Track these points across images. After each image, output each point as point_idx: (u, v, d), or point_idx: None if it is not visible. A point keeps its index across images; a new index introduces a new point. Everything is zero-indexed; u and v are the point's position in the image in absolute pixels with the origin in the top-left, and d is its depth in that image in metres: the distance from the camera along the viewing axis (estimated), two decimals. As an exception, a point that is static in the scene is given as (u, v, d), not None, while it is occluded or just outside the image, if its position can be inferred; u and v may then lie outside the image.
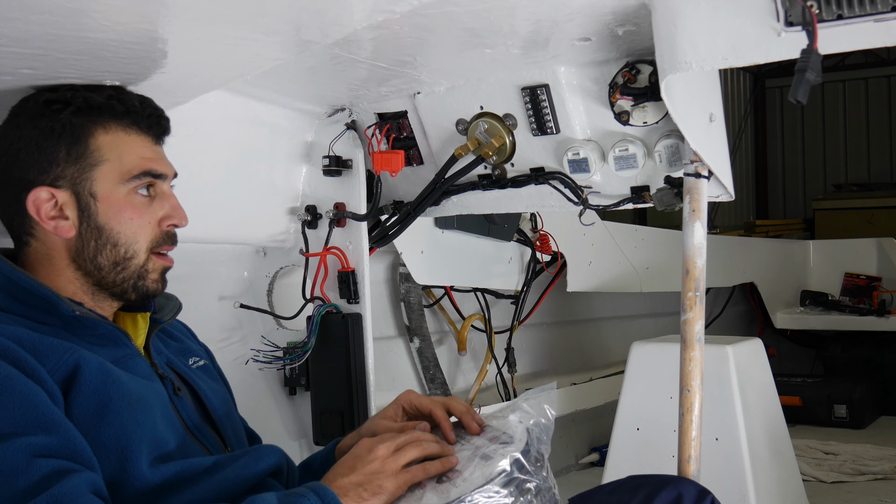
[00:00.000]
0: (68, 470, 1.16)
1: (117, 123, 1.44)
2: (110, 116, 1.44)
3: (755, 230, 7.49)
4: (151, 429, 1.35)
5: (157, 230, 1.47)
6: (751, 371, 2.91)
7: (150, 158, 1.46)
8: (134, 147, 1.45)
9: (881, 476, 3.71)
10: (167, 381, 1.48)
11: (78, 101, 1.43)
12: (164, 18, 1.35)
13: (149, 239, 1.46)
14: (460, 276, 3.11)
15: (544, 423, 1.41)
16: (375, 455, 1.34)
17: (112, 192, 1.42)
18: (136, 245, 1.44)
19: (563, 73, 2.03)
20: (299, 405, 2.56)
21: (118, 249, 1.43)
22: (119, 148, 1.43)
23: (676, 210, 1.99)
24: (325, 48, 1.79)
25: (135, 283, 1.46)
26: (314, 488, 1.28)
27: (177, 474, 1.33)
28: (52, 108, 1.43)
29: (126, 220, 1.43)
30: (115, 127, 1.44)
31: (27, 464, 1.14)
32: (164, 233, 1.48)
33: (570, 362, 4.09)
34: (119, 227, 1.43)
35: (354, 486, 1.31)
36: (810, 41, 1.46)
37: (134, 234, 1.44)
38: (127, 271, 1.44)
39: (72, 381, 1.28)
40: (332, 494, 1.27)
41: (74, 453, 1.20)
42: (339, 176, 2.39)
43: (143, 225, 1.45)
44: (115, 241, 1.43)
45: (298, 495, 1.26)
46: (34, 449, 1.15)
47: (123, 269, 1.44)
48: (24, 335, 1.29)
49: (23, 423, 1.17)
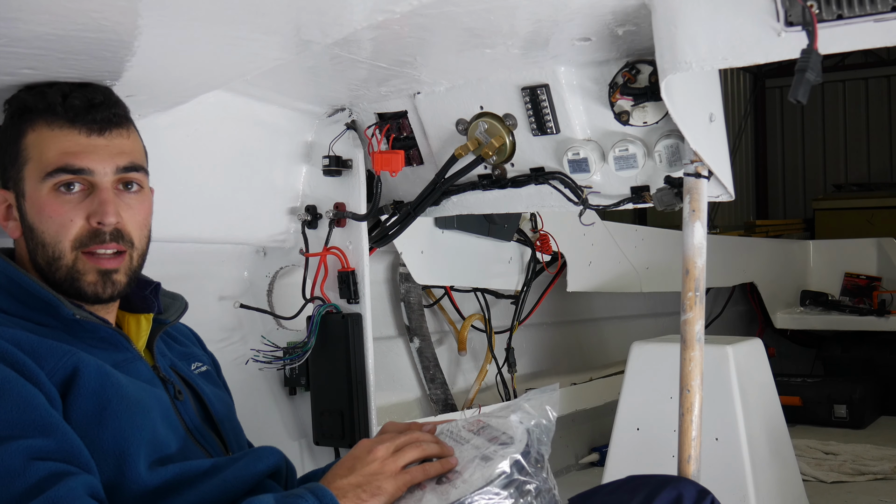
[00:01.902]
0: (65, 473, 1.16)
1: (42, 120, 1.41)
2: (36, 114, 1.42)
3: (755, 230, 7.50)
4: (150, 432, 1.35)
5: (86, 227, 1.38)
6: (751, 371, 2.91)
7: (73, 153, 1.38)
8: (55, 142, 1.39)
9: (881, 476, 3.70)
10: (169, 384, 1.48)
11: (15, 103, 1.44)
12: (163, 19, 1.35)
13: (71, 237, 1.38)
14: (460, 276, 3.11)
15: (545, 424, 1.41)
16: (375, 456, 1.33)
17: (34, 191, 1.39)
18: (60, 245, 1.38)
19: (563, 73, 2.03)
20: (299, 405, 2.56)
21: (46, 249, 1.39)
22: (40, 145, 1.40)
23: (676, 210, 1.99)
24: (325, 48, 1.79)
25: (71, 285, 1.40)
26: (312, 489, 1.28)
27: (175, 477, 1.33)
28: (3, 109, 1.46)
29: (46, 217, 1.38)
30: (41, 124, 1.41)
31: (24, 466, 1.13)
32: (92, 230, 1.39)
33: (570, 362, 4.09)
34: (42, 225, 1.39)
35: (353, 487, 1.30)
36: (810, 41, 1.46)
37: (56, 232, 1.38)
38: (60, 272, 1.39)
39: (70, 384, 1.28)
40: (330, 495, 1.27)
41: (72, 456, 1.20)
42: (339, 176, 2.39)
43: (65, 223, 1.37)
44: (42, 240, 1.39)
45: (297, 496, 1.26)
46: (31, 452, 1.15)
47: (56, 269, 1.39)
48: (23, 338, 1.28)
49: (20, 425, 1.17)
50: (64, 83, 1.46)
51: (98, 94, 1.44)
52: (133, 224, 1.43)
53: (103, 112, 1.42)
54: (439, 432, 1.46)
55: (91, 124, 1.41)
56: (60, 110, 1.40)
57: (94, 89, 1.46)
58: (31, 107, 1.42)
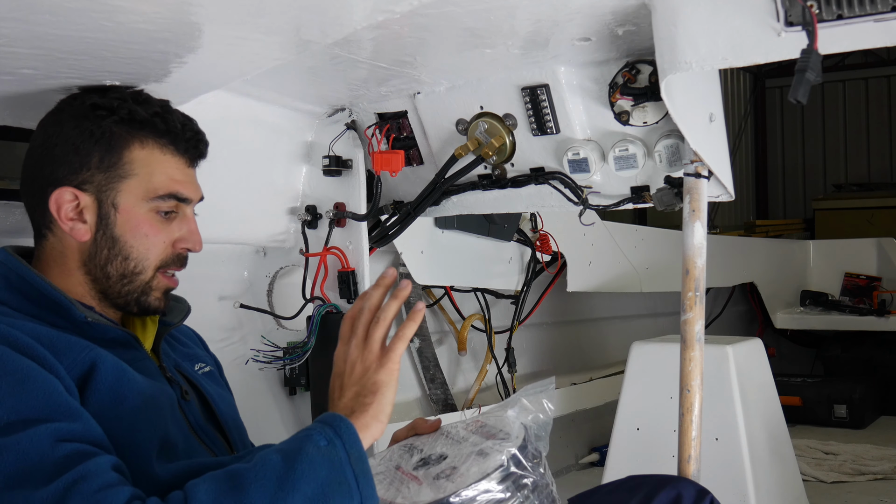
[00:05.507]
0: (91, 453, 1.18)
1: (155, 141, 1.45)
2: (150, 132, 1.45)
3: (755, 230, 7.50)
4: (162, 429, 1.36)
5: (170, 251, 1.47)
6: (751, 371, 2.91)
7: (179, 181, 1.47)
8: (165, 167, 1.46)
9: (881, 476, 3.71)
10: (175, 385, 1.49)
11: (122, 112, 1.44)
12: (163, 19, 1.35)
13: (159, 258, 1.46)
14: (460, 276, 3.11)
15: (542, 419, 1.41)
16: (351, 359, 1.32)
17: (134, 207, 1.44)
18: (146, 262, 1.45)
19: (563, 73, 2.03)
20: (299, 405, 2.56)
21: (128, 263, 1.44)
22: (150, 165, 1.44)
23: (676, 210, 1.99)
24: (325, 48, 1.79)
25: (137, 298, 1.46)
26: (321, 419, 1.26)
27: (183, 472, 1.33)
28: (96, 112, 1.44)
29: (141, 235, 1.44)
30: (153, 144, 1.45)
31: (52, 448, 1.15)
32: (176, 254, 1.49)
33: (569, 362, 4.10)
34: (133, 241, 1.44)
35: (353, 398, 1.29)
36: (810, 41, 1.46)
37: (146, 250, 1.45)
38: (132, 285, 1.45)
39: (88, 379, 1.30)
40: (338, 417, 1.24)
41: (96, 440, 1.22)
42: (339, 176, 2.39)
43: (157, 244, 1.46)
44: (127, 254, 1.44)
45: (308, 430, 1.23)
46: (59, 434, 1.17)
47: (130, 282, 1.45)
48: (42, 332, 1.30)
49: (46, 409, 1.19)
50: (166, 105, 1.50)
51: (195, 124, 1.52)
52: None
53: (204, 147, 1.53)
54: (439, 434, 1.46)
55: (195, 156, 1.52)
56: (176, 137, 1.47)
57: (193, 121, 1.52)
58: (146, 122, 1.44)
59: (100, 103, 1.44)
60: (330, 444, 1.20)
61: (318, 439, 1.21)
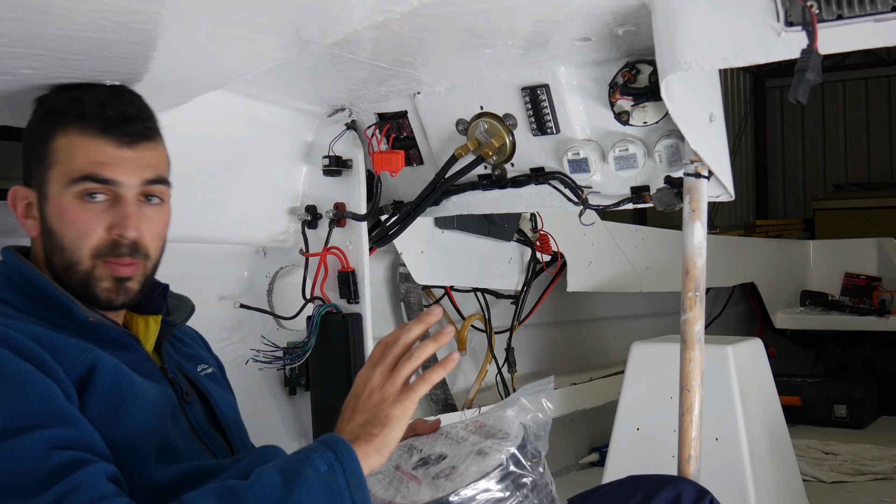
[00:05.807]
0: (86, 460, 1.17)
1: (74, 126, 1.40)
2: (70, 119, 1.41)
3: (755, 230, 7.50)
4: (162, 431, 1.36)
5: (105, 238, 1.39)
6: (751, 371, 2.91)
7: (101, 163, 1.38)
8: (85, 150, 1.39)
9: (881, 476, 3.71)
10: (176, 386, 1.48)
11: (47, 104, 1.45)
12: (163, 19, 1.35)
13: (91, 246, 1.38)
14: (460, 276, 3.11)
15: (542, 418, 1.40)
16: (372, 387, 1.28)
17: (59, 195, 1.39)
18: (80, 251, 1.39)
19: (563, 73, 2.03)
20: (299, 405, 2.56)
21: (65, 254, 1.40)
22: (69, 150, 1.39)
23: (676, 210, 1.99)
24: (325, 48, 1.79)
25: (85, 290, 1.40)
26: (323, 440, 1.24)
27: (182, 475, 1.33)
28: (34, 108, 1.46)
29: (68, 223, 1.39)
30: (72, 129, 1.40)
31: (46, 455, 1.14)
32: (112, 241, 1.39)
33: (570, 362, 4.09)
34: (62, 230, 1.39)
35: (361, 425, 1.26)
36: (810, 41, 1.46)
37: (76, 238, 1.39)
38: (76, 277, 1.40)
39: (87, 381, 1.29)
40: (341, 441, 1.22)
41: (92, 446, 1.21)
42: (339, 176, 2.39)
43: (86, 231, 1.38)
44: (62, 244, 1.40)
45: (308, 451, 1.22)
46: (54, 441, 1.16)
47: (73, 274, 1.40)
48: (42, 334, 1.29)
49: (42, 415, 1.18)
50: (99, 88, 1.46)
51: (132, 105, 1.45)
52: (150, 236, 1.44)
53: (136, 125, 1.43)
54: (438, 434, 1.46)
55: (122, 136, 1.41)
56: (94, 119, 1.40)
57: (129, 101, 1.46)
58: (65, 110, 1.42)
59: (40, 98, 1.46)
60: (330, 470, 1.19)
61: (319, 463, 1.19)
